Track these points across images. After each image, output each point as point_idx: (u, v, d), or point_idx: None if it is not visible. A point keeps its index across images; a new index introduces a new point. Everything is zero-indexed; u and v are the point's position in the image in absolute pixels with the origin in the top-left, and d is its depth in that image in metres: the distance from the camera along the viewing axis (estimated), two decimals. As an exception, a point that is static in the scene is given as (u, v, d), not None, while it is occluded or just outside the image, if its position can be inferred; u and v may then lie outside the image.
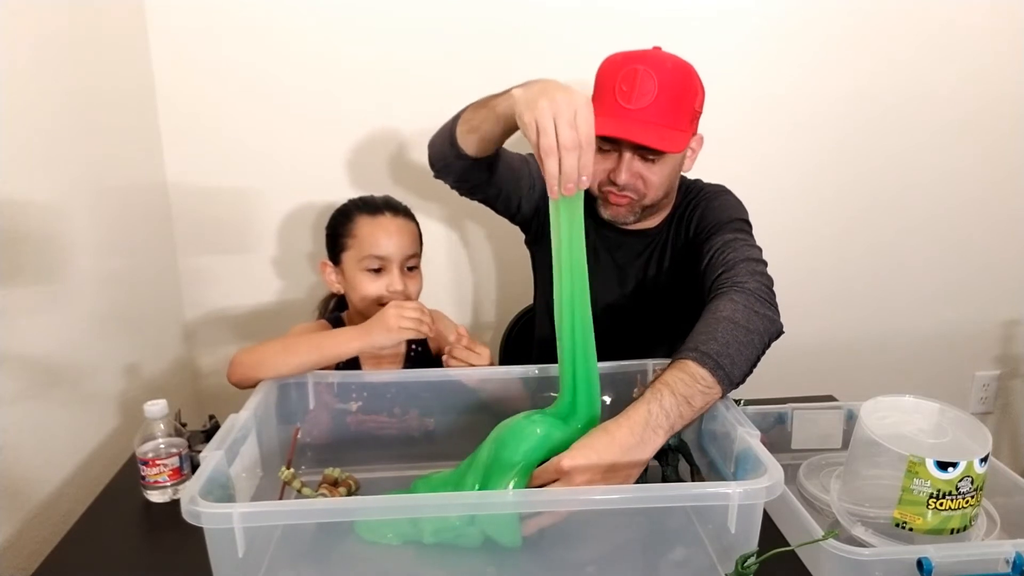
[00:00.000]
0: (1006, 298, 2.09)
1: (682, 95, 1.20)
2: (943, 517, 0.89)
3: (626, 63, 1.19)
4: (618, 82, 1.18)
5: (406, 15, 1.71)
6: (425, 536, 0.95)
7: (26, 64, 1.24)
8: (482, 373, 1.21)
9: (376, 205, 1.33)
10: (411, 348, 1.39)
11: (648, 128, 1.17)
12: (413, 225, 1.35)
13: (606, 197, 1.29)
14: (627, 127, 1.17)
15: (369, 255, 1.28)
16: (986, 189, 1.98)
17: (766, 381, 1.26)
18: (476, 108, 1.14)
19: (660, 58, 1.20)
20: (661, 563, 0.97)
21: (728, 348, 0.99)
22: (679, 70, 1.20)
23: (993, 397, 2.19)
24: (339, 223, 1.34)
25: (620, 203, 1.27)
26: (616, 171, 1.23)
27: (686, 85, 1.20)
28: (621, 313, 1.39)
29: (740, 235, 1.24)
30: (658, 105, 1.16)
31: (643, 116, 1.16)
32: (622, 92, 1.17)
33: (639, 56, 1.20)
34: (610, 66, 1.22)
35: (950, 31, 1.84)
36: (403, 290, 1.28)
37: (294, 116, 1.75)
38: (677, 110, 1.19)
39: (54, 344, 1.28)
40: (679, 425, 0.95)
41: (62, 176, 1.33)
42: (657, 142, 1.17)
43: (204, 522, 0.78)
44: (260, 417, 1.07)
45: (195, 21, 1.67)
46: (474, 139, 1.15)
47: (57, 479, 1.26)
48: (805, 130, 1.89)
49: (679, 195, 1.37)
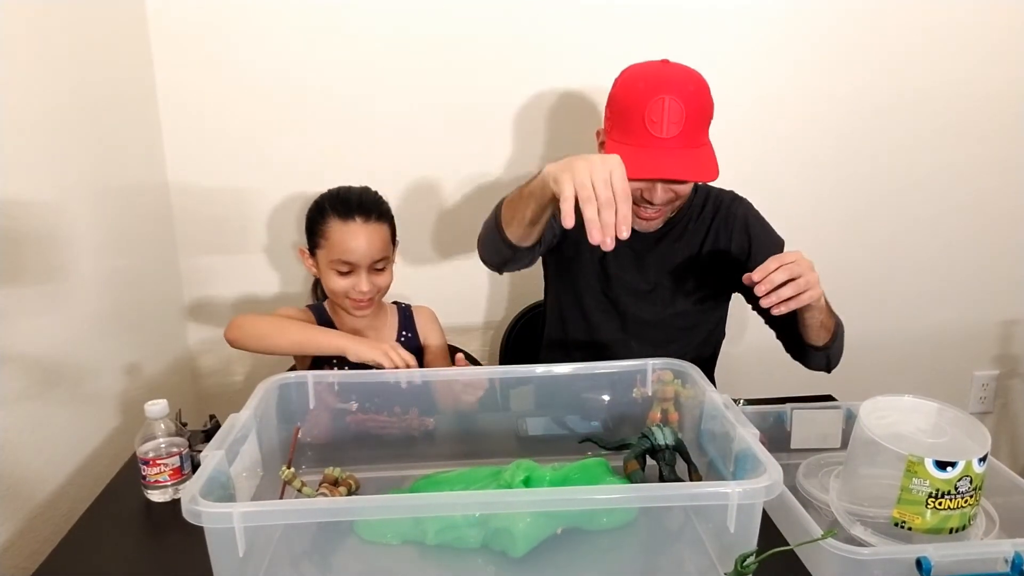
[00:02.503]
0: (1005, 298, 2.09)
1: (705, 114, 1.26)
2: (942, 516, 0.90)
3: (652, 91, 1.22)
4: (647, 113, 1.21)
5: (406, 16, 1.71)
6: (428, 537, 0.95)
7: (28, 64, 1.24)
8: (483, 373, 1.21)
9: (349, 207, 1.34)
10: (400, 335, 1.46)
11: (684, 157, 1.22)
12: (384, 228, 1.37)
13: (636, 213, 1.31)
14: (663, 163, 1.22)
15: (338, 259, 1.33)
16: (985, 189, 1.98)
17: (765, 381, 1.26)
18: (510, 201, 1.19)
19: (682, 80, 1.24)
20: (661, 562, 0.97)
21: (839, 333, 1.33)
22: (700, 89, 1.25)
23: (992, 397, 2.19)
24: (314, 220, 1.37)
25: (652, 217, 1.34)
26: (651, 191, 1.27)
27: (707, 103, 1.27)
28: (640, 297, 1.44)
29: None
30: (687, 131, 1.22)
31: (676, 144, 1.22)
32: (653, 124, 1.21)
33: (664, 82, 1.22)
34: (636, 94, 1.24)
35: (950, 32, 1.84)
36: (369, 290, 1.34)
37: (295, 116, 1.76)
38: (703, 129, 1.26)
39: (55, 344, 1.28)
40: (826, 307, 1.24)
41: (63, 176, 1.33)
42: (698, 174, 1.24)
43: (205, 522, 0.78)
44: (260, 417, 1.07)
45: (196, 21, 1.67)
46: (520, 228, 1.19)
47: (58, 478, 1.27)
48: (804, 130, 1.89)
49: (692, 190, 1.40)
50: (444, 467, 1.12)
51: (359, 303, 1.36)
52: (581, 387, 1.22)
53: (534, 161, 1.83)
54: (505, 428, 1.26)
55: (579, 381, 1.22)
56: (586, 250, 1.43)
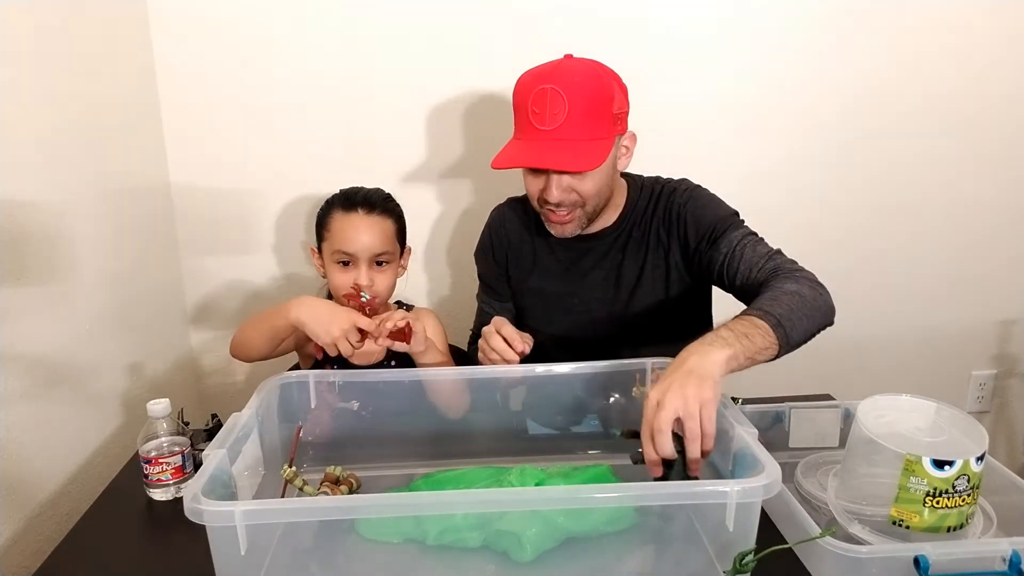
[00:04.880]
0: (1003, 297, 2.09)
1: (595, 105, 1.19)
2: (940, 515, 0.90)
3: (535, 82, 1.20)
4: (530, 104, 1.20)
5: (407, 16, 1.71)
6: (429, 537, 0.95)
7: (30, 66, 1.24)
8: (483, 372, 1.22)
9: (353, 201, 1.35)
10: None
11: (564, 147, 1.18)
12: (389, 223, 1.37)
13: (547, 216, 1.31)
14: (541, 153, 1.19)
15: (338, 250, 1.33)
16: (984, 189, 1.99)
17: (764, 380, 1.27)
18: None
19: (569, 71, 1.20)
20: (659, 561, 0.98)
21: (792, 314, 1.03)
22: (589, 80, 1.20)
23: (990, 396, 2.20)
24: (322, 215, 1.39)
25: (562, 221, 1.29)
26: (547, 189, 1.24)
27: (598, 94, 1.20)
28: (605, 316, 1.40)
29: (750, 232, 1.27)
30: (571, 122, 1.17)
31: (558, 135, 1.18)
32: (535, 114, 1.19)
33: (548, 73, 1.20)
34: (522, 87, 1.23)
35: (951, 32, 1.84)
36: (368, 285, 1.32)
37: (296, 117, 1.76)
38: (592, 121, 1.19)
39: (58, 343, 1.29)
40: (740, 352, 0.95)
41: (66, 178, 1.33)
42: (570, 163, 1.19)
43: (206, 520, 0.79)
44: (262, 416, 1.07)
45: (198, 24, 1.68)
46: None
47: (60, 477, 1.27)
48: (803, 131, 1.89)
49: (635, 191, 1.37)
50: (444, 466, 1.13)
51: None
52: (581, 386, 1.23)
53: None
54: (505, 428, 1.26)
55: (579, 380, 1.22)
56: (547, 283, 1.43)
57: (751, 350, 0.97)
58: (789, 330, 1.01)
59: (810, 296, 1.09)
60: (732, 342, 0.96)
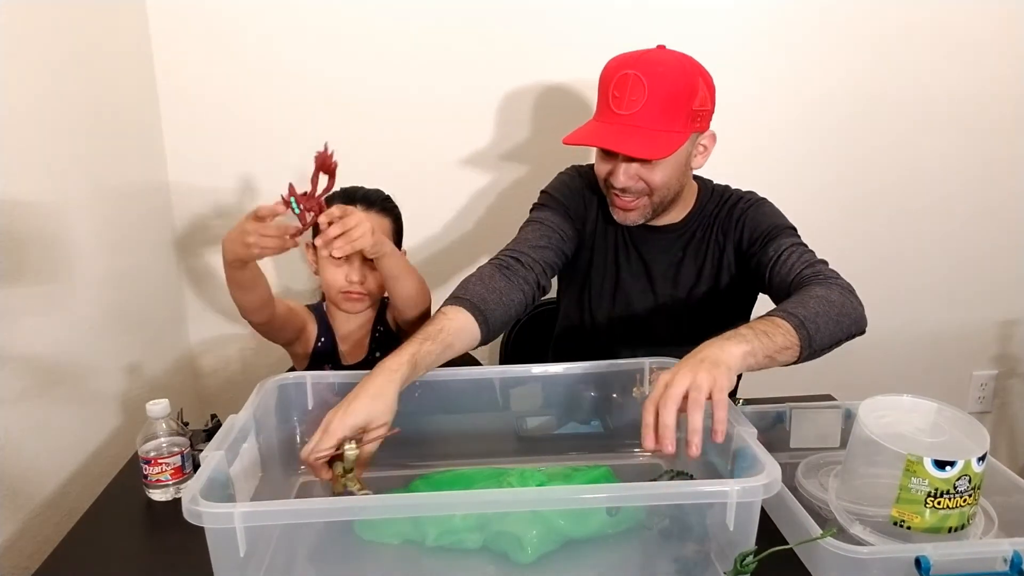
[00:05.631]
0: (1004, 298, 2.09)
1: (675, 97, 1.18)
2: (941, 516, 0.90)
3: (620, 67, 1.20)
4: (612, 88, 1.19)
5: (409, 12, 1.71)
6: (428, 539, 0.95)
7: (28, 64, 1.24)
8: (484, 373, 1.22)
9: (352, 197, 1.36)
10: (375, 330, 1.44)
11: (636, 134, 1.17)
12: (384, 221, 1.37)
13: (612, 201, 1.30)
14: (612, 136, 1.19)
15: None
16: (984, 189, 1.98)
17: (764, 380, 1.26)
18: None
19: (656, 60, 1.20)
20: (660, 562, 0.98)
21: (817, 317, 1.02)
22: (673, 71, 1.19)
23: (991, 396, 2.20)
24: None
25: (626, 207, 1.28)
26: (614, 173, 1.24)
27: (680, 87, 1.19)
28: (651, 308, 1.40)
29: (801, 242, 1.28)
30: (648, 110, 1.17)
31: (632, 121, 1.17)
32: (615, 98, 1.19)
33: (635, 59, 1.20)
34: (608, 71, 1.23)
35: (953, 28, 1.84)
36: (359, 280, 1.33)
37: (296, 116, 1.76)
38: (669, 112, 1.18)
39: (56, 344, 1.28)
40: (758, 348, 0.95)
41: (64, 177, 1.33)
42: (639, 150, 1.18)
43: (205, 522, 0.78)
44: (259, 417, 1.07)
45: (197, 22, 1.68)
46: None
47: (59, 478, 1.27)
48: (802, 128, 1.89)
49: (706, 194, 1.37)
50: (444, 467, 1.12)
51: (349, 295, 1.35)
52: (581, 386, 1.23)
53: (541, 159, 1.83)
54: (505, 428, 1.26)
55: (579, 380, 1.22)
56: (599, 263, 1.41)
57: (770, 348, 0.96)
58: (813, 332, 1.00)
59: (839, 302, 1.07)
60: (751, 338, 0.95)
